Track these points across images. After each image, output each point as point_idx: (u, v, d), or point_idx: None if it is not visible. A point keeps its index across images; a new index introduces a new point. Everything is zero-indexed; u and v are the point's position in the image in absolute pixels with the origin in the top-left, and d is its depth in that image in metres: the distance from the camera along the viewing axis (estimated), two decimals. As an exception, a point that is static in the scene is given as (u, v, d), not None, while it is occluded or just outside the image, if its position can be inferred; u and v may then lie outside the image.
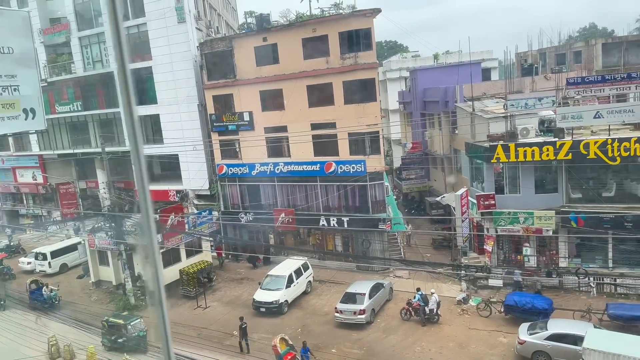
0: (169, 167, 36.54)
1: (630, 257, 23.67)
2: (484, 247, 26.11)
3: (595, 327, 18.40)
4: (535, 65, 42.56)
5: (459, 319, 22.71)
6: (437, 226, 34.15)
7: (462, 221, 26.84)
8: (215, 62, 32.44)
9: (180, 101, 34.05)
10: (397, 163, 45.57)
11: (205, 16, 37.81)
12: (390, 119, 52.38)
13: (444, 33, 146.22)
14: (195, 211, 32.73)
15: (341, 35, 28.41)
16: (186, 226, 29.85)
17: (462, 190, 27.32)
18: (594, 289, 23.43)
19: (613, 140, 22.19)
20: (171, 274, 28.08)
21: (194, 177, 34.32)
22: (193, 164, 33.87)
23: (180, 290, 27.88)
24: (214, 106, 32.82)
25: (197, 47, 33.13)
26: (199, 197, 35.02)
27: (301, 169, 30.50)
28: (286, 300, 25.04)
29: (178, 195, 35.14)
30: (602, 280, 23.66)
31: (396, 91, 50.88)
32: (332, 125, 29.22)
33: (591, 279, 23.46)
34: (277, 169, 31.15)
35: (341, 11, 30.46)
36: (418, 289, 23.37)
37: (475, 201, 25.83)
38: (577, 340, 17.21)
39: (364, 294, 22.92)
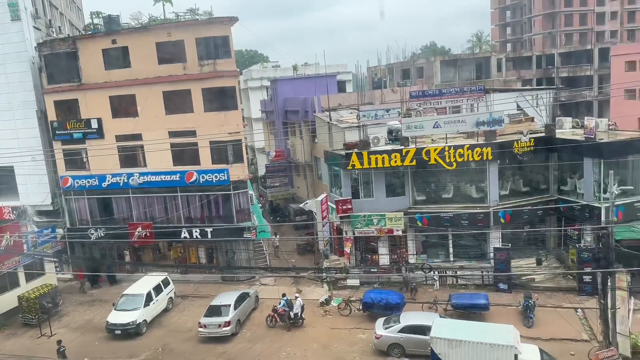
0: (3, 181, 32.19)
1: (467, 251, 26.69)
2: (344, 249, 27.39)
3: (440, 316, 20.35)
4: (384, 79, 46.14)
5: (322, 320, 23.46)
6: (301, 232, 35.01)
7: (323, 226, 27.86)
8: (57, 65, 29.49)
9: (15, 107, 30.23)
10: (262, 171, 45.82)
11: (45, 14, 34.23)
12: (253, 128, 52.55)
13: (301, 45, 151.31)
14: (36, 229, 29.23)
15: (198, 42, 27.79)
16: (25, 247, 26.54)
17: (322, 196, 28.38)
18: (437, 282, 25.90)
19: (450, 147, 24.87)
20: (8, 300, 24.81)
21: (33, 191, 30.65)
22: (32, 176, 30.24)
23: (20, 319, 24.72)
24: (56, 112, 29.75)
25: (35, 47, 29.82)
26: (39, 213, 31.35)
27: (159, 179, 29.04)
28: (145, 320, 23.54)
29: (14, 212, 31.10)
30: (445, 273, 26.27)
31: (258, 100, 51.26)
32: (192, 133, 28.36)
33: (435, 272, 25.90)
34: (132, 180, 29.26)
35: (197, 17, 29.82)
36: (283, 295, 23.67)
37: (334, 206, 27.01)
38: (426, 330, 18.69)
39: (229, 306, 22.53)
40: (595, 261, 19.95)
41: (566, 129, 28.18)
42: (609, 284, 16.75)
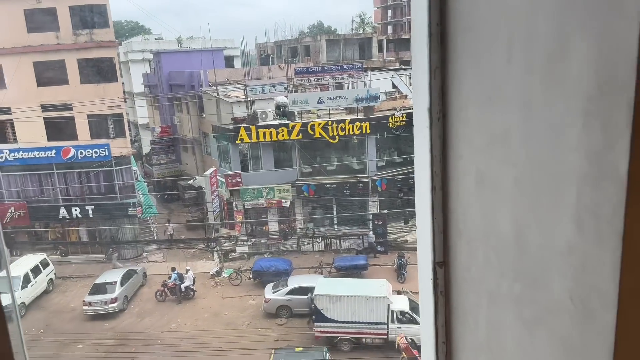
0: None
1: (349, 219, 28.71)
2: (235, 222, 28.00)
3: (324, 277, 22.00)
4: (272, 55, 46.61)
5: (213, 291, 24.02)
6: (192, 209, 34.80)
7: (213, 199, 28.16)
8: None
9: None
10: (147, 149, 44.23)
11: None
12: (135, 102, 50.23)
13: (186, 19, 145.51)
14: None
15: (72, 10, 26.12)
16: None
17: (210, 170, 28.57)
18: (322, 243, 27.57)
19: (332, 122, 26.40)
20: None
21: None
22: None
23: None
24: None
25: None
26: None
27: (32, 156, 27.13)
28: (23, 303, 22.33)
29: None
30: (330, 239, 28.07)
31: (140, 74, 49.00)
32: (68, 107, 26.78)
33: (319, 239, 27.56)
34: (1, 157, 26.99)
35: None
36: (173, 269, 23.76)
37: (224, 180, 27.39)
38: (311, 291, 20.23)
39: (115, 283, 22.17)
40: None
41: (435, 106, 31.15)
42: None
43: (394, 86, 31.81)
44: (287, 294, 20.92)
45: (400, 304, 18.69)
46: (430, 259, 1.35)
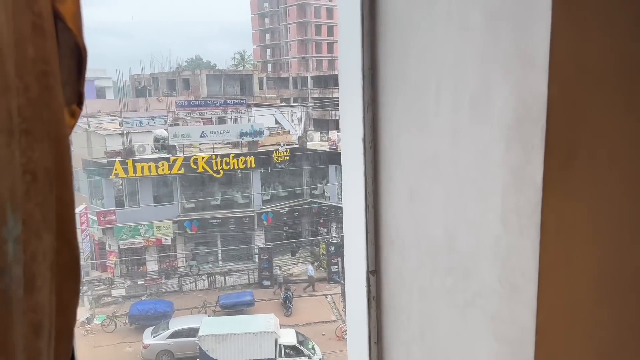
0: None
1: (235, 254, 28.28)
2: (107, 263, 26.01)
3: (209, 317, 21.25)
4: (149, 87, 45.13)
5: (83, 340, 21.83)
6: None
7: (82, 239, 25.92)
8: None
9: None
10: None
11: None
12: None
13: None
14: None
15: None
16: None
17: (80, 208, 26.38)
18: (206, 281, 26.66)
19: (216, 156, 26.16)
20: None
21: None
22: None
23: None
24: None
25: None
26: None
27: None
28: None
29: None
30: (214, 276, 27.29)
31: None
32: None
33: (204, 277, 26.69)
34: None
35: None
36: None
37: (96, 218, 25.46)
38: (195, 332, 19.37)
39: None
40: (340, 253, 23.70)
41: (316, 141, 32.43)
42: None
43: (277, 122, 32.59)
44: (169, 337, 19.78)
45: (288, 337, 18.69)
46: (363, 268, 1.54)
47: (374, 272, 1.54)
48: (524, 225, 0.91)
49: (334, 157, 28.03)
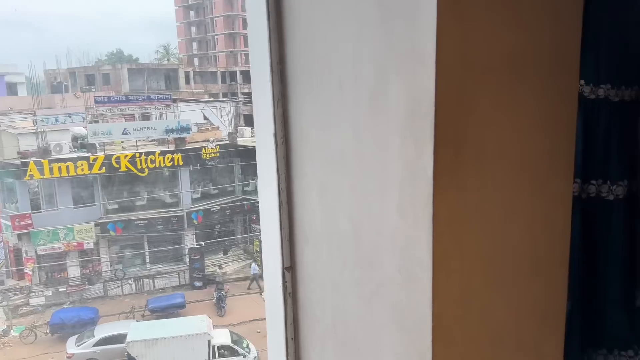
0: None
1: (163, 256, 27.37)
2: (24, 270, 24.31)
3: (137, 322, 20.46)
4: (65, 83, 42.55)
5: (0, 353, 20.34)
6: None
7: (-6, 247, 24.06)
8: None
9: None
10: None
11: None
12: None
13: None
14: None
15: None
16: None
17: (-9, 213, 24.45)
18: (133, 285, 25.64)
19: (140, 154, 25.12)
20: None
21: None
22: None
23: None
24: None
25: None
26: None
27: None
28: None
29: None
30: (142, 280, 26.29)
31: None
32: None
33: (130, 280, 25.64)
34: None
35: None
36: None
37: (10, 223, 23.69)
38: (122, 338, 18.55)
39: None
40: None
41: (247, 137, 31.99)
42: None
43: (205, 118, 31.84)
44: (94, 345, 18.85)
45: (222, 338, 18.41)
46: (279, 265, 1.54)
47: (290, 269, 1.54)
48: (418, 217, 0.95)
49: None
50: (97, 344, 18.89)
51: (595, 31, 1.46)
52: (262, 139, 1.60)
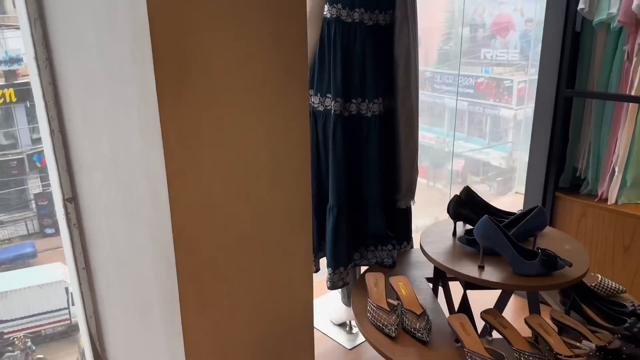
0: None
1: (5, 204, 24.54)
2: None
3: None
4: None
5: None
6: None
7: None
8: None
9: None
10: None
11: None
12: None
13: None
14: None
15: None
16: None
17: None
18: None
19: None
20: None
21: None
22: None
23: None
24: None
25: None
26: None
27: None
28: None
29: None
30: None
31: None
32: None
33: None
34: None
35: None
36: None
37: None
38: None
39: None
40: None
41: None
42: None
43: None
44: None
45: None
46: (60, 196, 1.50)
47: (71, 200, 1.51)
48: (152, 136, 0.99)
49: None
50: None
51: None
52: (31, 65, 1.50)
